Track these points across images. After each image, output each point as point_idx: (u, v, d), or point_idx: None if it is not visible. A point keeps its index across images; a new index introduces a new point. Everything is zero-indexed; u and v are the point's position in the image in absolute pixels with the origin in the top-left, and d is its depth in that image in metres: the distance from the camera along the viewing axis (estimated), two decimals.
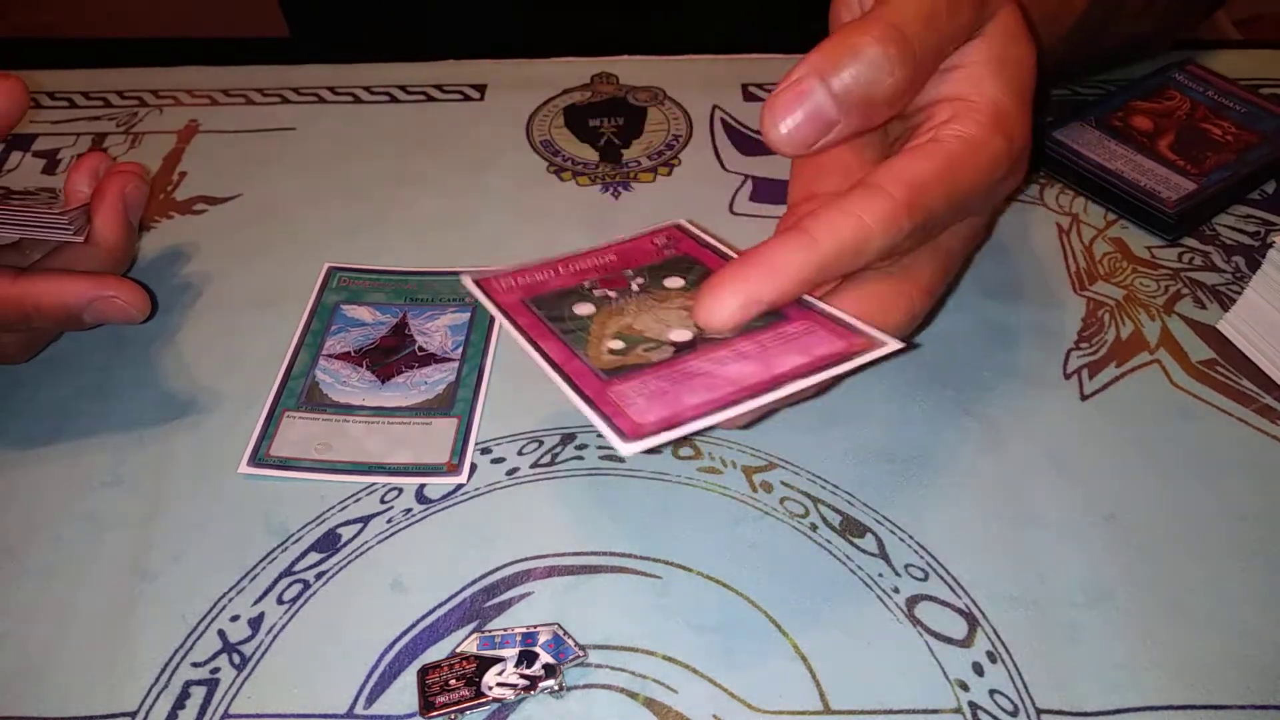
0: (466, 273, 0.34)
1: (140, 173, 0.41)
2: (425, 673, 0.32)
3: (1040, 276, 0.44)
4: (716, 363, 0.29)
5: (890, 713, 0.31)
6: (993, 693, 0.31)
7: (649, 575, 0.34)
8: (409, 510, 0.36)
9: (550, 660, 0.32)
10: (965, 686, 0.31)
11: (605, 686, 0.32)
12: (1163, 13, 0.51)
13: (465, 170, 0.51)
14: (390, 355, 0.41)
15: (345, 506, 0.37)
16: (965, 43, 0.33)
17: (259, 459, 0.38)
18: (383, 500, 0.37)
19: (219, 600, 0.34)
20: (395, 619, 0.33)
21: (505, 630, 0.33)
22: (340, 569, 0.35)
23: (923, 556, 0.35)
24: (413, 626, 0.33)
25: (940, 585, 0.34)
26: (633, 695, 0.31)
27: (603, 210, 0.48)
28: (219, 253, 0.47)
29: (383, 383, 0.40)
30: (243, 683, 0.32)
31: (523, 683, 0.31)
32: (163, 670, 0.32)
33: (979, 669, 0.32)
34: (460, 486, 0.37)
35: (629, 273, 0.34)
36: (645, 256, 0.35)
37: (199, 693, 0.32)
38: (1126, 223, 0.46)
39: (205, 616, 0.34)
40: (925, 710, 0.31)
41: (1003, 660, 0.32)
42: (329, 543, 0.35)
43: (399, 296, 0.44)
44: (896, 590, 0.34)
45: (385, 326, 0.43)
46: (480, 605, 0.34)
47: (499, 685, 0.31)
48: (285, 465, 0.38)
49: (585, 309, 0.32)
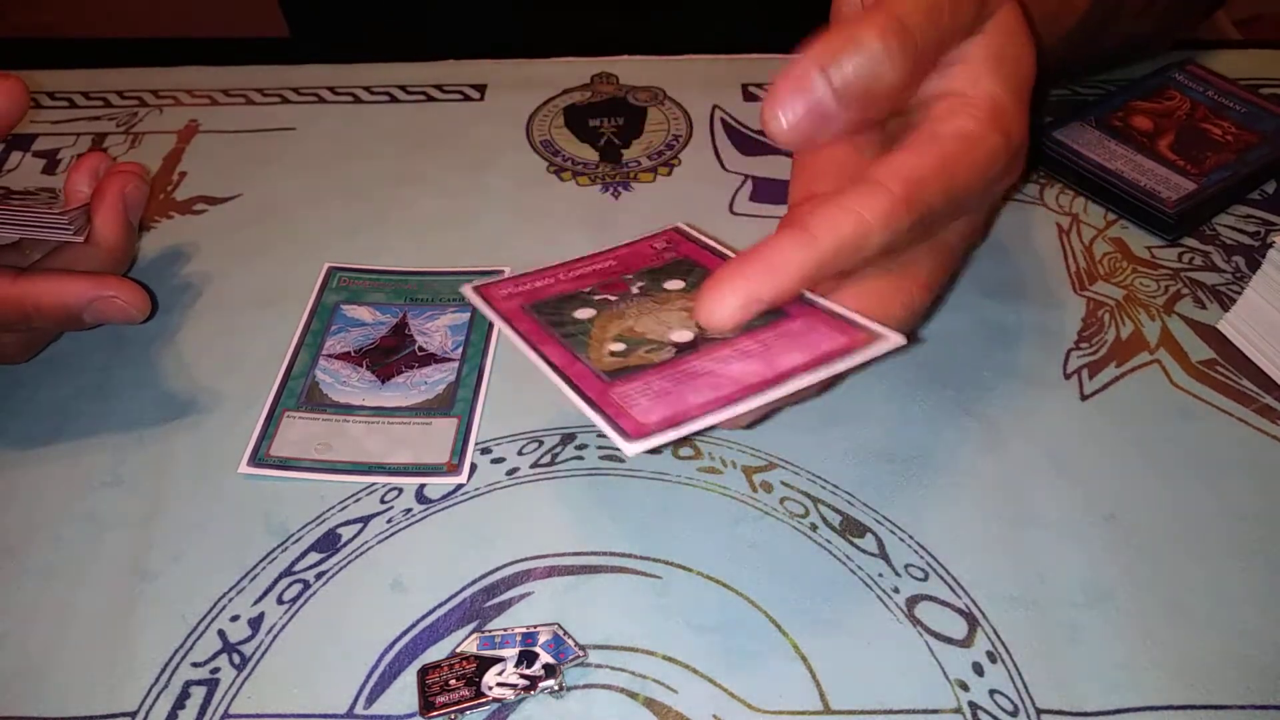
0: (467, 284, 0.34)
1: (140, 173, 0.41)
2: (425, 673, 0.32)
3: (1040, 276, 0.44)
4: (719, 361, 0.29)
5: (890, 713, 0.31)
6: (993, 693, 0.31)
7: (649, 575, 0.34)
8: (409, 510, 0.36)
9: (550, 660, 0.32)
10: (965, 686, 0.31)
11: (605, 686, 0.32)
12: (1163, 13, 0.51)
13: (465, 170, 0.51)
14: (390, 355, 0.41)
15: (345, 506, 0.37)
16: (966, 39, 0.33)
17: (259, 459, 0.38)
18: (383, 500, 0.37)
19: (219, 600, 0.34)
20: (395, 619, 0.33)
21: (505, 630, 0.33)
22: (340, 569, 0.35)
23: (923, 556, 0.35)
24: (413, 626, 0.33)
25: (940, 585, 0.34)
26: (633, 695, 0.31)
27: (603, 210, 0.48)
28: (219, 253, 0.47)
29: (383, 383, 0.40)
30: (243, 683, 0.32)
31: (523, 683, 0.31)
32: (163, 670, 0.32)
33: (979, 669, 0.32)
34: (460, 486, 0.37)
35: (629, 277, 0.34)
36: (644, 260, 0.35)
37: (199, 693, 0.32)
38: (1126, 223, 0.46)
39: (205, 616, 0.34)
40: (925, 710, 0.31)
41: (1003, 660, 0.32)
42: (329, 543, 0.35)
43: (399, 296, 0.44)
44: (896, 590, 0.34)
45: (385, 326, 0.43)
46: (480, 605, 0.34)
47: (499, 685, 0.31)
48: (285, 465, 0.38)
49: (586, 313, 0.32)
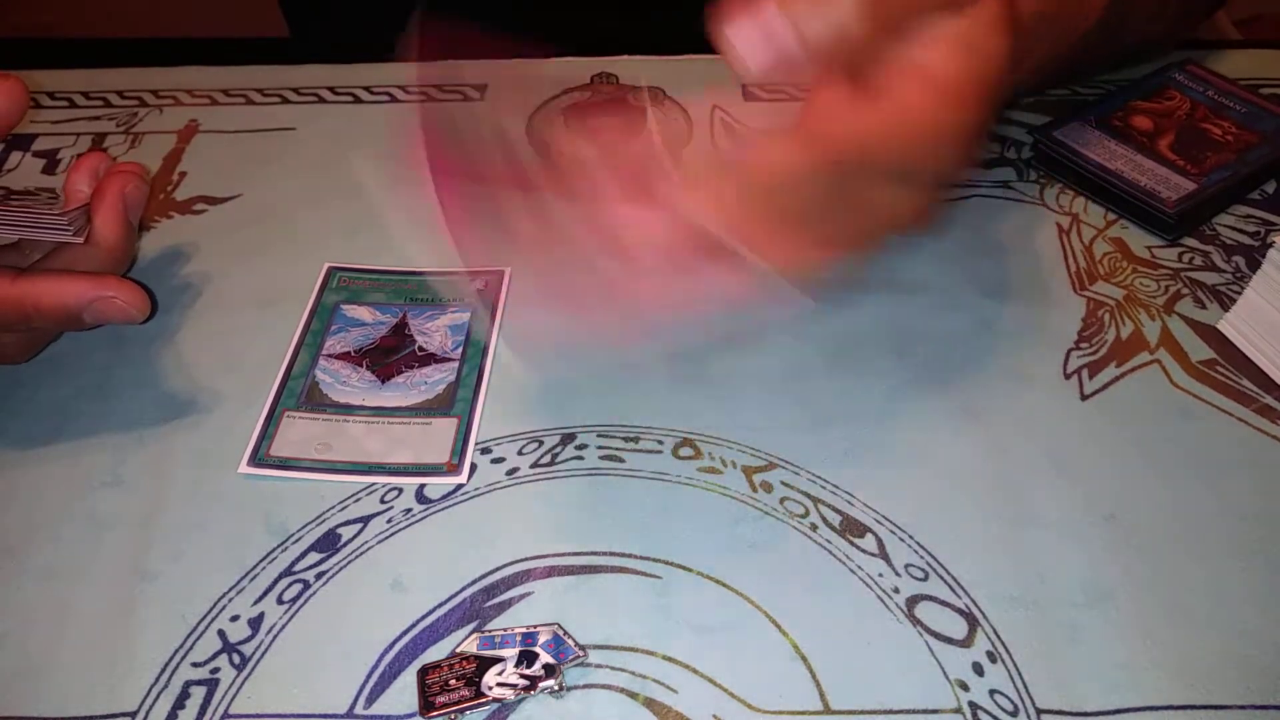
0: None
1: (140, 173, 0.41)
2: (425, 673, 0.32)
3: (1040, 276, 0.44)
4: (621, 274, 0.29)
5: (890, 713, 0.31)
6: (993, 693, 0.31)
7: (649, 575, 0.34)
8: (409, 510, 0.36)
9: (550, 660, 0.32)
10: (965, 686, 0.31)
11: (605, 686, 0.32)
12: (1174, 15, 0.51)
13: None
14: (390, 355, 0.41)
15: (345, 506, 0.37)
16: (942, 15, 0.33)
17: (259, 459, 0.38)
18: (383, 500, 0.37)
19: (219, 600, 0.34)
20: (395, 619, 0.33)
21: (505, 630, 0.33)
22: (340, 569, 0.35)
23: (923, 556, 0.35)
24: (413, 626, 0.33)
25: (940, 585, 0.34)
26: (633, 695, 0.31)
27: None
28: (219, 253, 0.47)
29: (383, 383, 0.40)
30: (243, 683, 0.32)
31: (523, 683, 0.31)
32: (163, 670, 0.32)
33: (979, 669, 0.32)
34: (460, 486, 0.37)
35: None
36: None
37: (199, 693, 0.32)
38: (1126, 223, 0.46)
39: (205, 616, 0.34)
40: (925, 710, 0.31)
41: (1003, 660, 0.32)
42: (329, 543, 0.35)
43: (399, 296, 0.44)
44: (896, 590, 0.34)
45: (385, 326, 0.43)
46: (480, 605, 0.34)
47: (499, 685, 0.31)
48: (285, 465, 0.38)
49: None
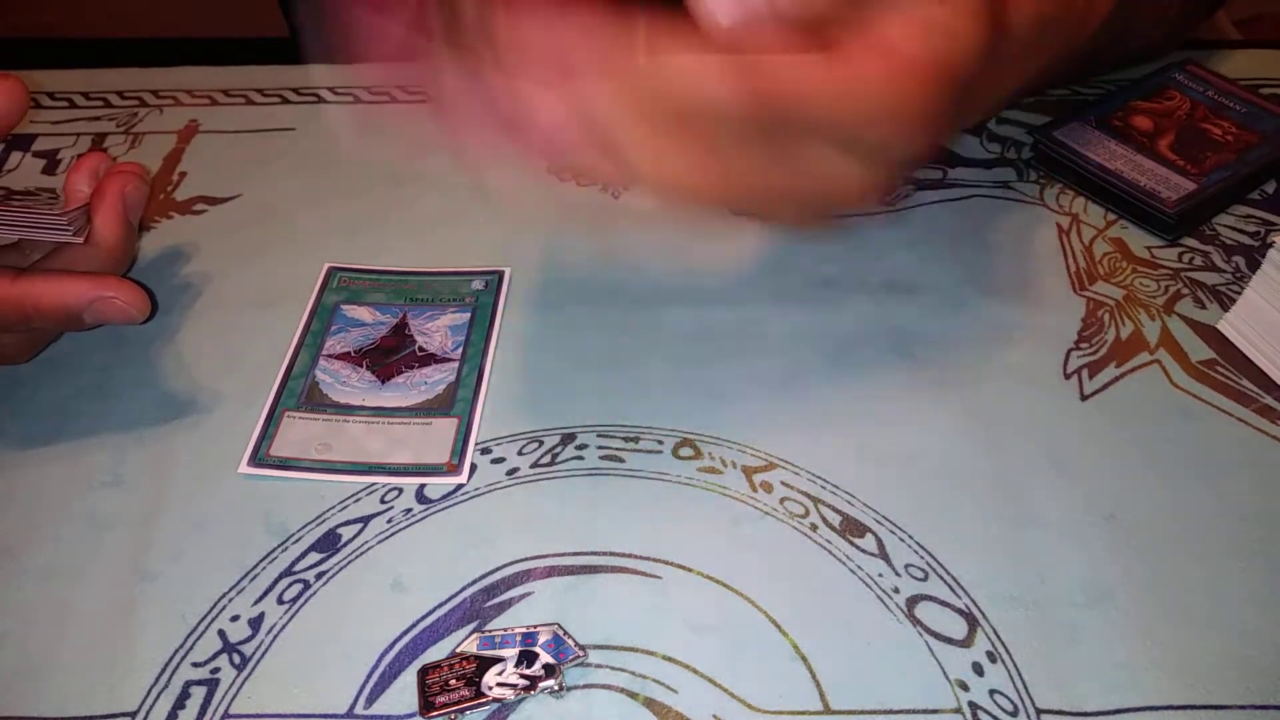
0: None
1: (140, 173, 0.41)
2: (425, 673, 0.32)
3: (1040, 276, 0.44)
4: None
5: (890, 713, 0.31)
6: (993, 693, 0.31)
7: (649, 575, 0.34)
8: (409, 510, 0.36)
9: (550, 660, 0.32)
10: (965, 686, 0.31)
11: (605, 686, 0.32)
12: (1177, 17, 0.51)
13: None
14: (390, 355, 0.41)
15: (345, 506, 0.37)
16: None
17: (259, 459, 0.38)
18: (383, 500, 0.37)
19: (219, 600, 0.34)
20: (395, 619, 0.33)
21: (505, 630, 0.33)
22: (340, 569, 0.35)
23: (923, 556, 0.35)
24: (413, 626, 0.33)
25: (940, 585, 0.34)
26: (633, 695, 0.31)
27: (603, 210, 0.48)
28: (219, 253, 0.47)
29: (383, 383, 0.40)
30: (243, 683, 0.32)
31: (523, 683, 0.31)
32: (163, 670, 0.32)
33: (979, 669, 0.32)
34: (460, 486, 0.37)
35: None
36: None
37: (199, 693, 0.32)
38: (1126, 223, 0.46)
39: (205, 616, 0.34)
40: (925, 710, 0.31)
41: (1003, 660, 0.32)
42: (329, 543, 0.35)
43: (399, 296, 0.44)
44: (896, 590, 0.34)
45: (385, 326, 0.43)
46: (480, 605, 0.34)
47: (499, 685, 0.31)
48: (285, 465, 0.38)
49: None
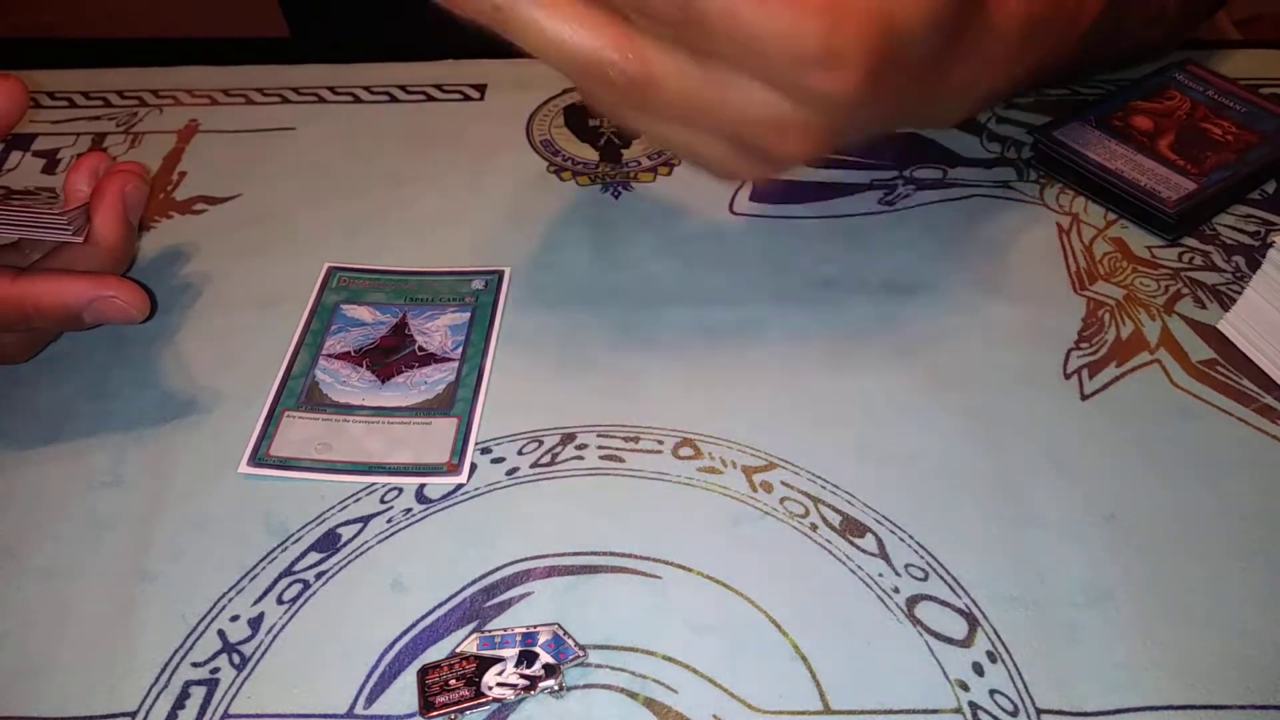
0: None
1: (140, 172, 0.41)
2: (425, 673, 0.32)
3: (1040, 276, 0.44)
4: None
5: (890, 713, 0.31)
6: (993, 693, 0.31)
7: (649, 575, 0.34)
8: (409, 510, 0.36)
9: (550, 660, 0.32)
10: (965, 686, 0.31)
11: (605, 686, 0.32)
12: (1174, 18, 0.51)
13: (465, 170, 0.51)
14: (390, 355, 0.41)
15: (345, 506, 0.37)
16: None
17: (259, 459, 0.38)
18: (383, 500, 0.37)
19: (219, 600, 0.34)
20: (395, 619, 0.33)
21: (505, 630, 0.33)
22: (340, 569, 0.35)
23: (923, 556, 0.35)
24: (413, 626, 0.33)
25: (940, 585, 0.34)
26: (633, 695, 0.31)
27: (603, 210, 0.48)
28: (219, 253, 0.47)
29: (383, 383, 0.40)
30: (243, 683, 0.32)
31: (523, 683, 0.31)
32: (163, 670, 0.32)
33: (979, 669, 0.32)
34: (460, 486, 0.37)
35: None
36: None
37: (199, 693, 0.32)
38: (1126, 223, 0.46)
39: (205, 616, 0.34)
40: (925, 710, 0.31)
41: (1003, 660, 0.32)
42: (329, 543, 0.35)
43: (399, 296, 0.44)
44: (896, 590, 0.34)
45: (385, 326, 0.43)
46: (480, 605, 0.34)
47: (499, 685, 0.31)
48: (285, 465, 0.38)
49: None
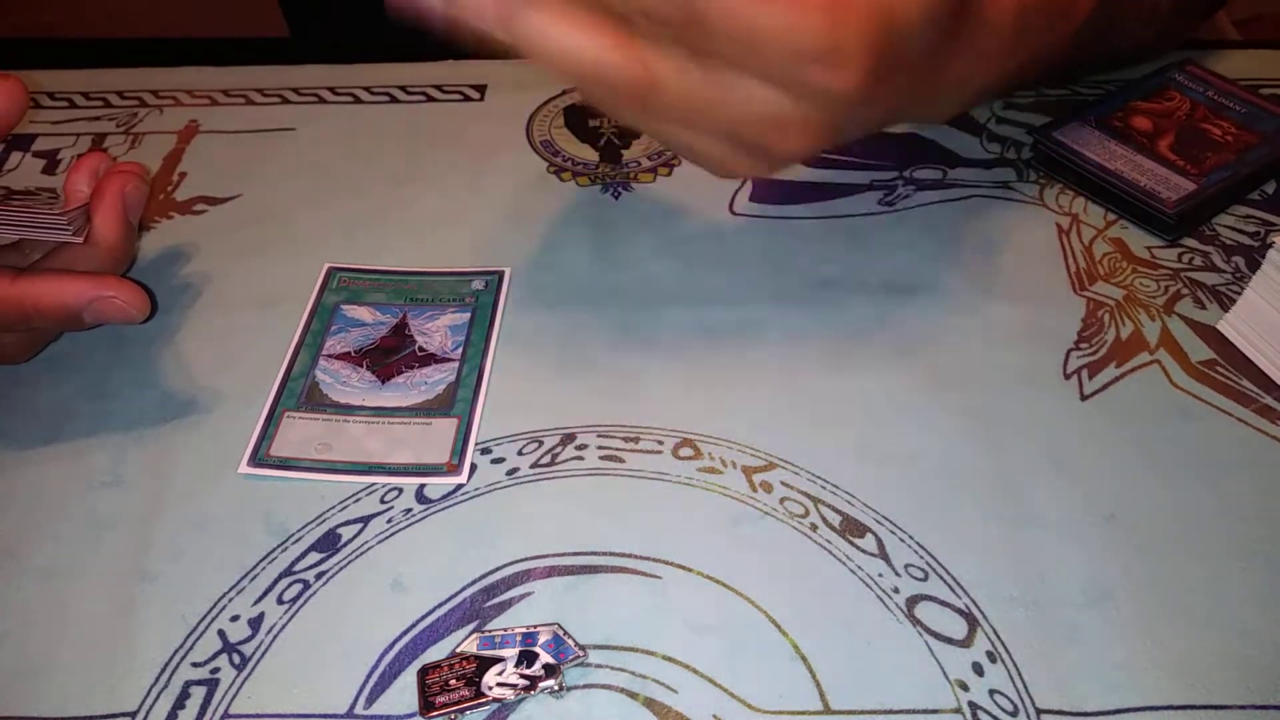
0: None
1: (140, 173, 0.41)
2: (425, 673, 0.32)
3: (1040, 276, 0.44)
4: None
5: (890, 713, 0.31)
6: (993, 693, 0.31)
7: (649, 575, 0.34)
8: (409, 510, 0.36)
9: (550, 660, 0.32)
10: (965, 686, 0.31)
11: (605, 686, 0.32)
12: (1168, 16, 0.51)
13: (465, 170, 0.51)
14: (390, 355, 0.41)
15: (345, 506, 0.37)
16: None
17: (259, 459, 0.38)
18: (383, 500, 0.37)
19: (219, 600, 0.34)
20: (395, 619, 0.33)
21: (505, 630, 0.33)
22: (340, 569, 0.35)
23: (923, 556, 0.35)
24: (413, 626, 0.33)
25: (940, 585, 0.34)
26: (633, 695, 0.31)
27: (603, 210, 0.48)
28: (219, 253, 0.47)
29: (383, 383, 0.40)
30: (243, 683, 0.32)
31: (523, 683, 0.31)
32: (163, 670, 0.32)
33: (979, 669, 0.32)
34: (460, 486, 0.37)
35: None
36: None
37: (199, 693, 0.32)
38: (1126, 223, 0.46)
39: (205, 616, 0.34)
40: (925, 710, 0.31)
41: (1003, 660, 0.32)
42: (329, 543, 0.35)
43: (399, 296, 0.44)
44: (896, 590, 0.34)
45: (385, 326, 0.43)
46: (480, 605, 0.34)
47: (499, 685, 0.31)
48: (285, 465, 0.38)
49: None
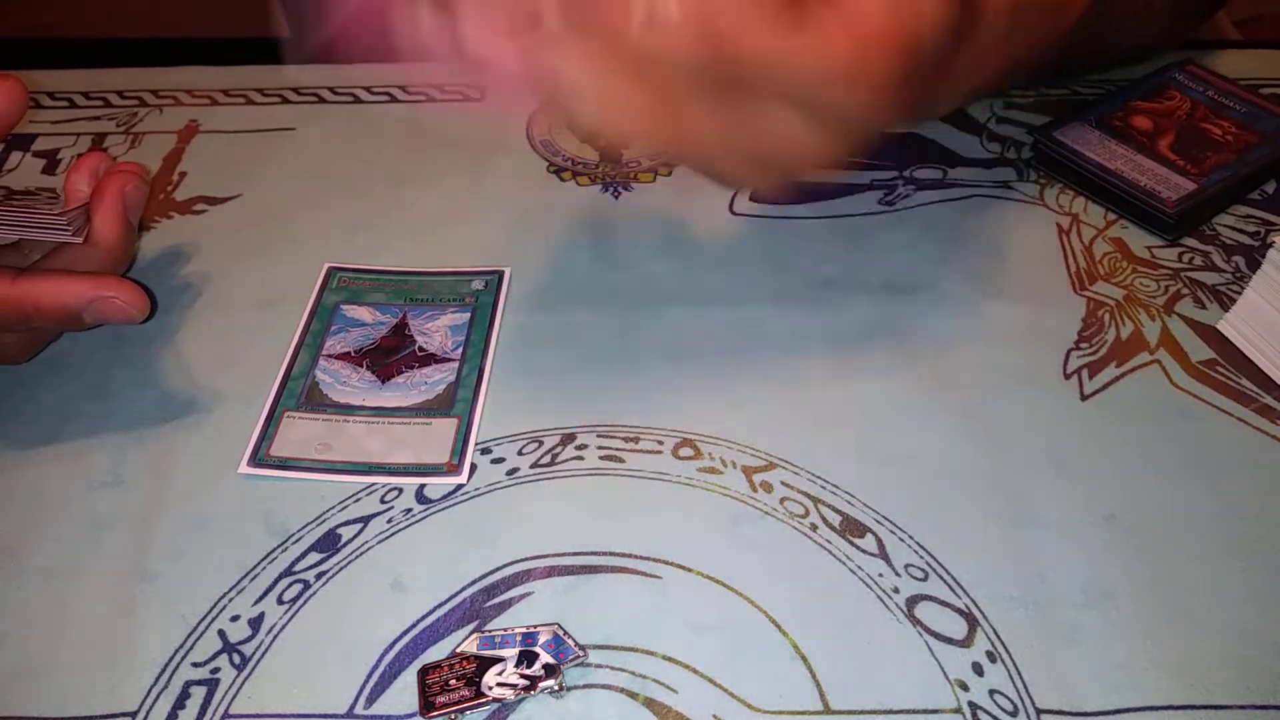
0: None
1: (140, 172, 0.41)
2: (425, 673, 0.32)
3: (1040, 276, 0.44)
4: None
5: (890, 713, 0.31)
6: (993, 693, 0.31)
7: (649, 575, 0.34)
8: (409, 510, 0.36)
9: (550, 660, 0.32)
10: (965, 686, 0.31)
11: (605, 686, 0.32)
12: (1164, 15, 0.51)
13: (465, 170, 0.51)
14: (390, 355, 0.41)
15: (345, 506, 0.37)
16: None
17: (259, 459, 0.38)
18: (383, 500, 0.37)
19: (219, 600, 0.34)
20: (395, 619, 0.33)
21: (505, 630, 0.33)
22: (340, 569, 0.35)
23: (923, 556, 0.35)
24: (413, 626, 0.33)
25: (940, 585, 0.34)
26: (633, 695, 0.31)
27: (603, 210, 0.48)
28: (219, 253, 0.47)
29: (383, 383, 0.40)
30: (243, 683, 0.32)
31: (523, 683, 0.31)
32: (163, 670, 0.32)
33: (979, 669, 0.32)
34: (460, 486, 0.37)
35: None
36: None
37: (199, 693, 0.32)
38: (1126, 223, 0.46)
39: (205, 616, 0.34)
40: (925, 710, 0.31)
41: (1003, 660, 0.32)
42: (329, 543, 0.35)
43: (399, 296, 0.44)
44: (896, 590, 0.34)
45: (385, 326, 0.43)
46: (480, 605, 0.34)
47: (499, 685, 0.31)
48: (285, 465, 0.38)
49: None
